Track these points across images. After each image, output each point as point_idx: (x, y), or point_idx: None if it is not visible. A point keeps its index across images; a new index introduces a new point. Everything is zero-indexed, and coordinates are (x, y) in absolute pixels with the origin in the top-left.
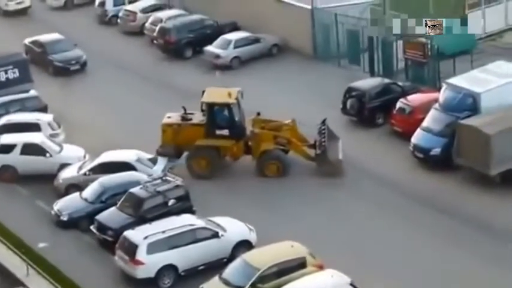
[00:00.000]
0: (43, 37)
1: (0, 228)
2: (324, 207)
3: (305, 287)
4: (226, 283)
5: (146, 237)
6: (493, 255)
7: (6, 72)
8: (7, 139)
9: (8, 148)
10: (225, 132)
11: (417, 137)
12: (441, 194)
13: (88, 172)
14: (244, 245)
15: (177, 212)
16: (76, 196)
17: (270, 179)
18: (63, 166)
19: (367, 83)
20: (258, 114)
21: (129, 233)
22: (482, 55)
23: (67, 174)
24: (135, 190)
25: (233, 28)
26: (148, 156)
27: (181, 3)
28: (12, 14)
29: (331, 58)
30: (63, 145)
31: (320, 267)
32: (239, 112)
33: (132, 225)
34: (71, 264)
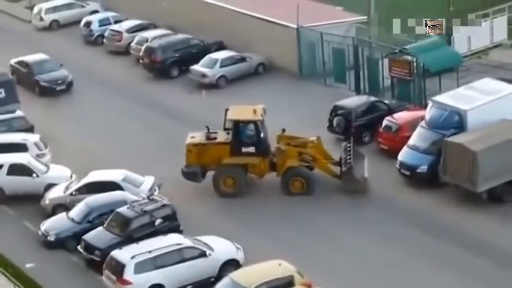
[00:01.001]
0: (29, 57)
1: None
2: (309, 226)
3: None
4: None
5: (133, 256)
6: (479, 271)
7: None
8: None
9: None
10: (251, 149)
11: (404, 155)
12: (428, 211)
13: (75, 192)
14: (231, 264)
15: (164, 232)
16: (63, 216)
17: (251, 198)
18: (49, 186)
19: (353, 101)
20: (283, 130)
21: (116, 253)
22: (467, 72)
23: (54, 194)
24: (122, 210)
25: (219, 47)
26: (136, 175)
27: (166, 22)
28: None
29: (317, 77)
30: (49, 165)
31: (308, 286)
32: (264, 129)
33: (119, 245)
34: (58, 284)
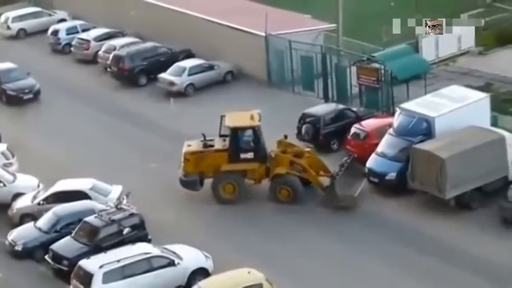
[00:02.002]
0: None
1: None
2: (279, 234)
3: None
4: None
5: (101, 266)
6: (446, 278)
7: None
8: None
9: None
10: (249, 155)
11: (372, 162)
12: (396, 218)
13: (42, 201)
14: (200, 273)
15: (133, 241)
16: (30, 226)
17: (221, 206)
18: (17, 196)
19: (321, 109)
20: (285, 137)
21: (84, 263)
22: (435, 80)
23: (21, 203)
24: (90, 219)
25: (187, 55)
26: (104, 184)
27: (134, 31)
28: None
29: (285, 84)
30: (16, 175)
31: None
32: (261, 134)
33: (87, 254)
34: None
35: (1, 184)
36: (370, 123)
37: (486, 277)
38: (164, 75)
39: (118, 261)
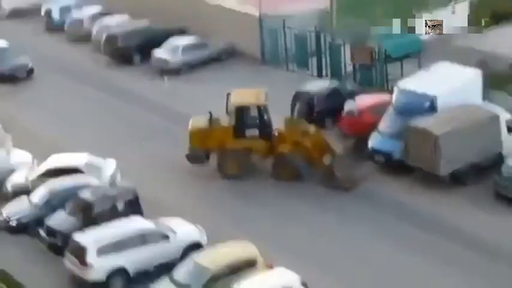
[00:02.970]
0: None
1: None
2: (277, 210)
3: (255, 287)
4: (176, 284)
5: (95, 239)
6: (443, 253)
7: None
8: None
9: None
10: (255, 132)
11: (376, 141)
12: (392, 195)
13: (37, 177)
14: (194, 246)
15: (127, 215)
16: (25, 201)
17: (219, 181)
18: (11, 172)
19: (315, 86)
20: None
21: (78, 236)
22: (429, 58)
23: (15, 180)
24: (84, 193)
25: (181, 33)
26: (98, 159)
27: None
28: None
29: (279, 63)
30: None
31: (270, 266)
32: (267, 112)
33: (81, 228)
34: (21, 268)
35: None
36: (364, 100)
37: (480, 251)
38: (158, 53)
39: (112, 234)
